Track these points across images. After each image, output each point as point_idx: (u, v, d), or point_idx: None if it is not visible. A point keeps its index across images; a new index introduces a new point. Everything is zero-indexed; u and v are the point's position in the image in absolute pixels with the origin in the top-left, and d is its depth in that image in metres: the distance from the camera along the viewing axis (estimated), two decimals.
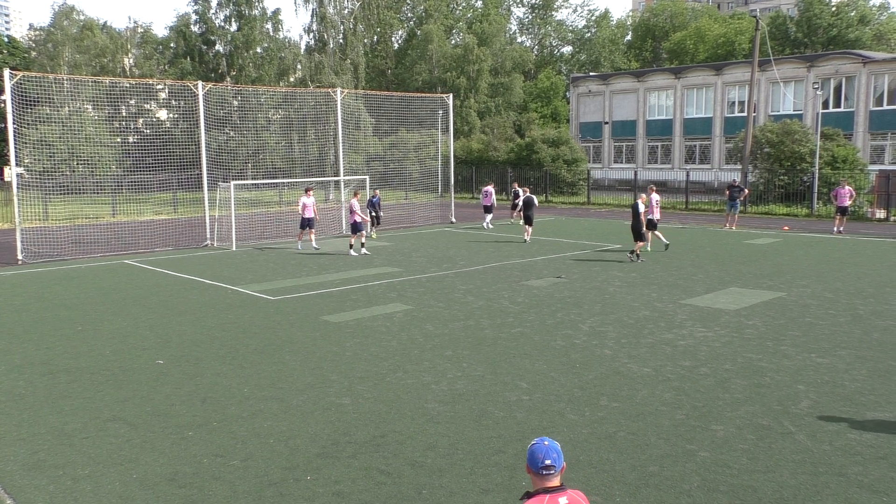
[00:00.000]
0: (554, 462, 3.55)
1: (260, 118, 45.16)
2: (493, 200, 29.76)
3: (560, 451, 3.58)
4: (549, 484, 3.55)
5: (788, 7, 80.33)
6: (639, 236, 19.77)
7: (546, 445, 3.59)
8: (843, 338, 11.55)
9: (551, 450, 3.57)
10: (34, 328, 12.75)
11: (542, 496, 3.51)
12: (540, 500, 3.49)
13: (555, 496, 3.50)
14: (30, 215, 27.55)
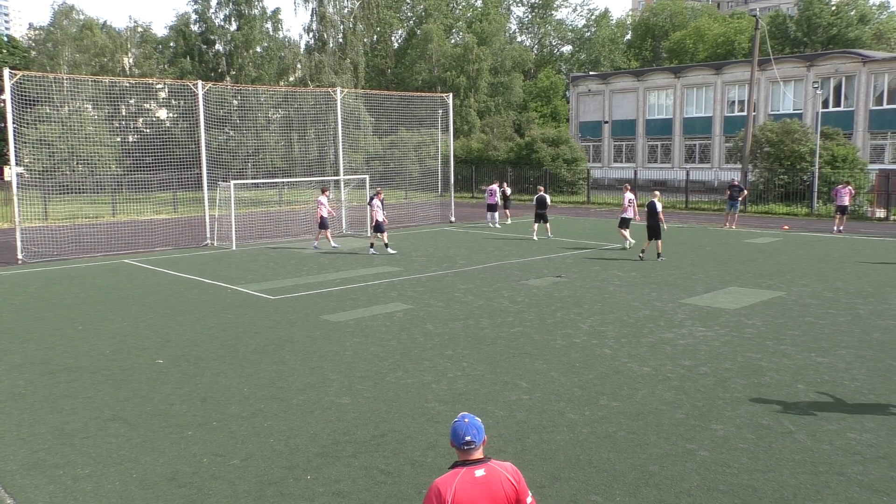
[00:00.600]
0: (474, 438, 3.79)
1: (260, 118, 45.18)
2: (498, 199, 29.68)
3: (480, 427, 3.81)
4: (470, 457, 3.80)
5: (788, 6, 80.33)
6: (653, 234, 19.74)
7: (466, 423, 3.82)
8: (843, 337, 11.55)
9: (471, 426, 3.80)
10: (34, 328, 12.75)
11: (459, 468, 3.77)
12: (456, 472, 3.75)
13: (471, 468, 3.75)
14: (30, 215, 27.55)
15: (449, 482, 3.72)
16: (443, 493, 3.70)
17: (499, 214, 29.54)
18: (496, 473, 3.78)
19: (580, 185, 44.84)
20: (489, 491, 3.71)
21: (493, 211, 29.32)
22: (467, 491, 3.69)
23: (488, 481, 3.74)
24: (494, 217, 29.32)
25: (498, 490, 3.73)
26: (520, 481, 3.85)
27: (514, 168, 46.80)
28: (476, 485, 3.71)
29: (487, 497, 3.70)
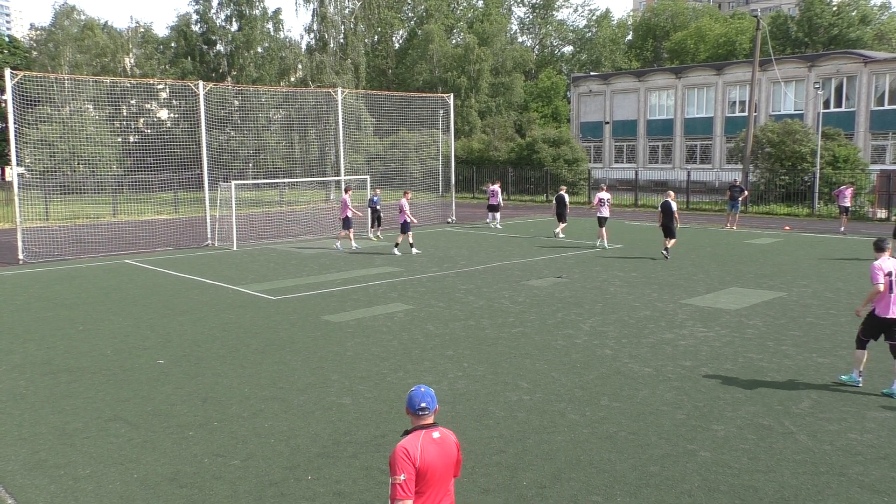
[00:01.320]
0: (428, 405, 4.33)
1: (261, 118, 45.18)
2: (500, 199, 29.69)
3: (433, 396, 4.38)
4: (425, 422, 4.34)
5: (789, 7, 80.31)
6: (669, 234, 19.90)
7: (422, 392, 4.38)
8: (843, 337, 11.54)
9: (426, 395, 4.35)
10: (35, 328, 12.76)
11: (419, 432, 4.28)
12: (416, 435, 4.26)
13: (429, 431, 4.29)
14: (31, 215, 27.55)
15: (414, 443, 4.20)
16: (411, 453, 4.15)
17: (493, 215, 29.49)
18: (447, 435, 4.37)
19: (581, 185, 44.82)
20: (444, 450, 4.28)
21: (494, 211, 29.33)
22: (429, 450, 4.20)
23: (443, 441, 4.30)
24: (496, 217, 29.33)
25: (450, 449, 4.32)
26: (458, 445, 4.44)
27: (515, 168, 46.79)
28: (435, 444, 4.25)
29: (443, 454, 4.27)
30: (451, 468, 4.33)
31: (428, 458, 4.16)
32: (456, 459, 4.37)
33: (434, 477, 4.20)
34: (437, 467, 4.20)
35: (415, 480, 4.13)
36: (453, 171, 32.99)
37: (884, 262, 8.87)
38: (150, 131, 46.43)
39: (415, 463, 4.12)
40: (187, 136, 33.69)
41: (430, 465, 4.17)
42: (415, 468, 4.12)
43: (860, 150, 38.10)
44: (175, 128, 42.62)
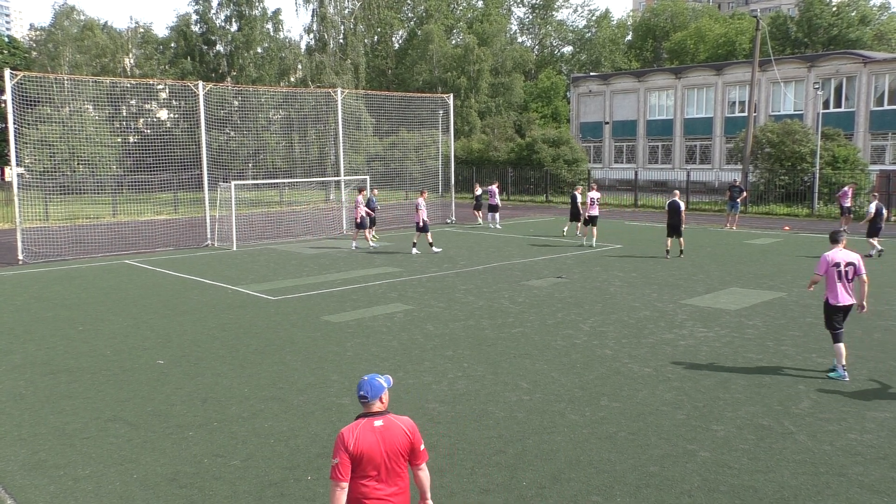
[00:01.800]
0: (366, 393, 4.40)
1: (260, 118, 45.16)
2: (498, 200, 29.69)
3: (377, 386, 4.42)
4: (370, 410, 4.44)
5: (789, 7, 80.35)
6: (675, 232, 20.03)
7: (365, 380, 4.46)
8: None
9: (367, 384, 4.42)
10: (35, 328, 12.76)
11: (361, 419, 4.40)
12: (358, 422, 4.38)
13: (371, 419, 4.37)
14: (30, 215, 27.54)
15: (352, 430, 4.35)
16: (346, 439, 4.31)
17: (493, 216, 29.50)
18: (393, 425, 4.39)
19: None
20: (387, 437, 4.34)
21: (494, 211, 29.33)
22: (366, 437, 4.31)
23: (385, 430, 4.36)
24: (495, 217, 29.33)
25: (393, 438, 4.35)
26: (414, 433, 4.44)
27: (515, 169, 46.78)
28: (374, 432, 4.34)
29: (385, 442, 4.33)
30: (397, 456, 4.37)
31: (363, 446, 4.29)
32: (407, 447, 4.41)
33: (373, 463, 4.32)
34: (374, 454, 4.30)
35: (350, 465, 4.29)
36: (453, 171, 32.99)
37: (835, 253, 9.58)
38: (150, 131, 46.42)
39: (348, 448, 4.28)
40: (187, 136, 33.69)
41: (366, 451, 4.29)
42: (348, 454, 4.28)
43: (860, 150, 38.11)
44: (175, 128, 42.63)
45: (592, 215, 22.88)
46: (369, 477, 4.33)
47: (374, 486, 4.34)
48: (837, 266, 9.51)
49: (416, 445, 4.45)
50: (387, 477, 4.36)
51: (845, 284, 9.53)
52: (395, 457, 4.37)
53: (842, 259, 9.54)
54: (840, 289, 9.52)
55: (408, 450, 4.42)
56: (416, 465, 4.49)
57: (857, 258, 9.62)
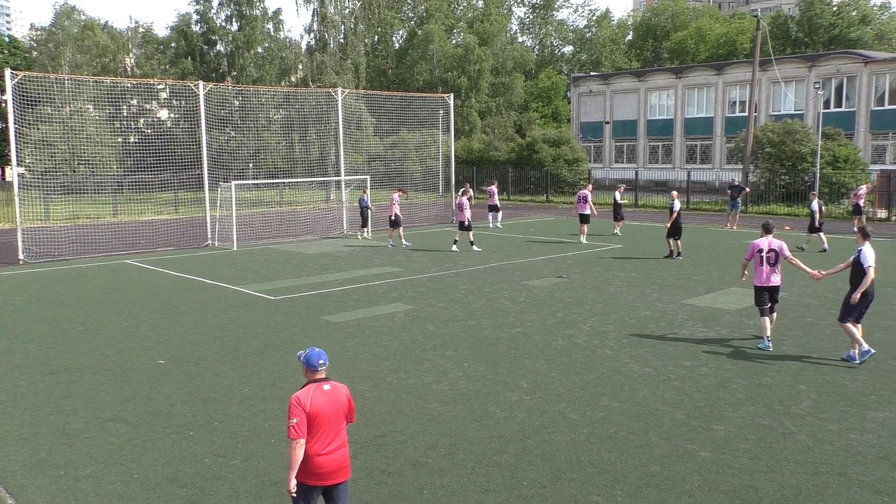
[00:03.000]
0: (326, 361, 5.25)
1: (261, 118, 45.15)
2: (497, 200, 29.73)
3: (325, 356, 5.25)
4: (319, 377, 5.20)
5: (789, 7, 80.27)
6: (675, 234, 19.90)
7: (318, 351, 5.24)
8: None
9: (322, 354, 5.23)
10: (35, 328, 12.77)
11: (312, 385, 5.16)
12: (310, 387, 5.14)
13: (321, 384, 5.18)
14: (31, 215, 27.55)
15: (306, 394, 5.10)
16: (302, 401, 5.07)
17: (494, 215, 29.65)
18: (338, 388, 5.25)
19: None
20: (333, 398, 5.18)
21: (494, 211, 29.36)
22: (319, 399, 5.10)
23: (332, 393, 5.19)
24: (497, 217, 29.38)
25: (339, 400, 5.21)
26: (350, 397, 5.33)
27: (515, 169, 46.76)
28: (325, 395, 5.15)
29: (332, 402, 5.17)
30: (341, 414, 5.22)
31: (317, 406, 5.07)
32: (347, 408, 5.29)
33: (324, 420, 5.10)
34: (325, 413, 5.10)
35: (306, 423, 5.04)
36: (453, 171, 32.98)
37: (761, 241, 10.91)
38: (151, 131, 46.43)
39: (305, 409, 5.03)
40: (187, 136, 33.65)
41: (319, 410, 5.07)
42: (305, 413, 5.03)
43: (860, 150, 38.08)
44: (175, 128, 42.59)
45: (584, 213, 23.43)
46: (320, 433, 5.09)
47: (324, 440, 5.11)
48: (761, 252, 10.84)
49: (352, 409, 5.37)
50: (334, 433, 5.16)
51: (769, 268, 10.80)
52: (339, 415, 5.21)
53: (765, 246, 10.81)
54: (764, 271, 10.82)
55: (347, 409, 5.28)
56: (349, 422, 5.39)
57: (781, 244, 10.84)
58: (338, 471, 5.17)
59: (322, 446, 5.09)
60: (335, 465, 5.15)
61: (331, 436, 5.14)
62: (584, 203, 23.46)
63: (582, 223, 23.62)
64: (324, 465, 5.10)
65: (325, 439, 5.10)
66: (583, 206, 23.55)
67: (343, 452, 5.22)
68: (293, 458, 5.01)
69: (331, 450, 5.13)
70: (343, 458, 5.22)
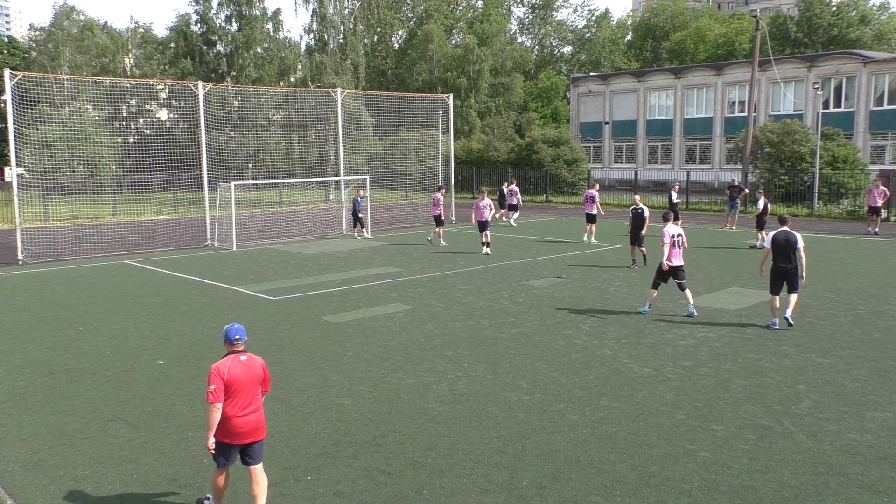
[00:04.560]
0: (241, 336, 5.96)
1: (260, 118, 45.11)
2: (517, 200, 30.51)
3: (243, 331, 6.00)
4: (236, 349, 5.94)
5: (789, 7, 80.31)
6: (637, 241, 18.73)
7: (236, 327, 5.98)
8: (843, 338, 11.55)
9: (239, 329, 5.97)
10: (35, 328, 12.76)
11: (230, 356, 5.91)
12: (228, 358, 5.88)
13: (238, 355, 5.92)
14: (30, 215, 27.54)
15: (224, 364, 5.85)
16: (221, 370, 5.80)
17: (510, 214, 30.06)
18: (254, 359, 5.99)
19: (581, 185, 44.82)
20: (249, 369, 5.91)
21: (513, 210, 30.07)
22: (236, 368, 5.84)
23: (249, 363, 5.93)
24: (511, 216, 29.98)
25: (254, 370, 5.94)
26: (265, 368, 6.06)
27: (515, 169, 46.76)
28: (241, 364, 5.89)
29: (248, 373, 5.89)
30: (256, 382, 5.93)
31: (234, 374, 5.79)
32: (262, 378, 6.00)
33: (241, 388, 5.82)
34: (242, 381, 5.82)
35: (223, 390, 5.75)
36: (453, 171, 32.98)
37: (669, 227, 12.99)
38: (150, 132, 46.36)
39: (223, 377, 5.75)
40: (187, 136, 33.65)
41: (236, 378, 5.79)
42: (223, 380, 5.75)
43: (859, 150, 38.09)
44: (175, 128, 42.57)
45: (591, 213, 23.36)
46: (238, 398, 5.81)
47: (241, 405, 5.83)
48: (673, 237, 12.94)
49: (267, 378, 6.09)
50: (250, 398, 5.88)
51: (677, 250, 12.99)
52: (254, 383, 5.92)
53: (675, 232, 13.01)
54: (674, 254, 12.98)
55: (262, 379, 6.01)
56: (264, 392, 6.10)
57: (683, 231, 13.22)
58: (253, 431, 5.91)
59: (239, 410, 5.82)
60: (251, 426, 5.88)
61: (247, 400, 5.85)
62: (592, 203, 23.41)
63: (588, 223, 23.59)
64: (241, 426, 5.82)
65: (242, 403, 5.82)
66: (590, 206, 23.47)
67: (258, 415, 5.94)
68: (211, 419, 5.75)
69: (247, 413, 5.85)
70: (258, 420, 5.93)
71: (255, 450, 5.98)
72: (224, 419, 5.77)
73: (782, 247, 11.99)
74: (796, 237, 12.04)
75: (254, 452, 5.98)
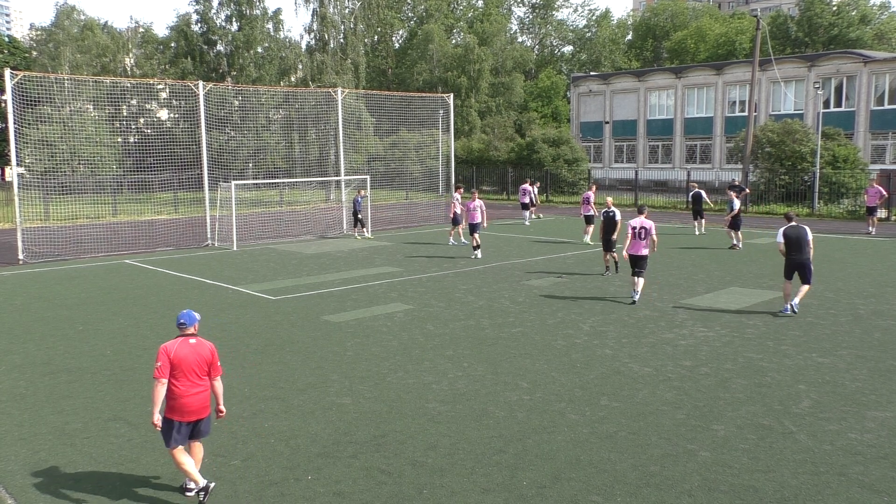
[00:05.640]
0: (186, 321, 6.43)
1: (261, 118, 45.12)
2: (529, 198, 30.71)
3: (192, 316, 6.46)
4: (185, 332, 6.42)
5: (789, 6, 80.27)
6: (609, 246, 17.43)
7: (184, 313, 6.49)
8: (843, 337, 11.55)
9: (186, 315, 6.46)
10: (35, 328, 12.76)
11: (179, 338, 6.39)
12: (177, 340, 6.37)
13: (187, 338, 6.39)
14: (31, 215, 27.54)
15: (173, 344, 6.32)
16: (168, 349, 6.26)
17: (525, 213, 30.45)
18: (202, 343, 6.44)
19: (581, 185, 44.81)
20: (197, 350, 6.36)
21: (526, 209, 30.35)
22: (183, 349, 6.30)
23: (196, 346, 6.38)
24: (525, 215, 30.23)
25: (202, 352, 6.38)
26: (214, 353, 6.47)
27: (515, 168, 46.77)
28: (189, 346, 6.35)
29: (195, 355, 6.33)
30: (203, 364, 6.35)
31: (180, 355, 6.25)
32: (209, 361, 6.41)
33: (187, 368, 6.26)
34: (188, 361, 6.27)
35: (169, 368, 6.21)
36: (453, 171, 32.99)
37: (634, 220, 14.39)
38: (150, 131, 46.35)
39: (169, 356, 6.23)
40: (187, 136, 33.63)
41: (183, 359, 6.25)
42: (169, 359, 6.22)
43: (860, 149, 38.07)
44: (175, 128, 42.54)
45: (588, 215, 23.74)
46: (184, 377, 6.25)
47: (187, 384, 6.27)
48: (634, 228, 14.20)
49: (215, 362, 6.45)
50: (196, 378, 6.31)
51: (638, 241, 14.16)
52: (201, 365, 6.35)
53: (637, 224, 14.21)
54: (634, 244, 14.23)
55: (209, 362, 6.40)
56: (213, 377, 6.45)
57: (651, 224, 14.23)
58: (200, 409, 6.35)
59: (187, 389, 6.27)
60: (198, 405, 6.32)
61: (194, 381, 6.30)
62: (588, 204, 23.89)
63: (587, 224, 23.86)
64: (189, 405, 6.27)
65: (189, 383, 6.28)
66: (586, 208, 23.92)
67: (205, 395, 6.40)
68: (155, 395, 6.22)
69: (194, 392, 6.30)
70: (205, 399, 6.38)
71: (203, 425, 6.45)
72: (174, 398, 6.23)
73: (794, 240, 12.91)
74: (805, 230, 13.06)
75: (201, 427, 6.45)
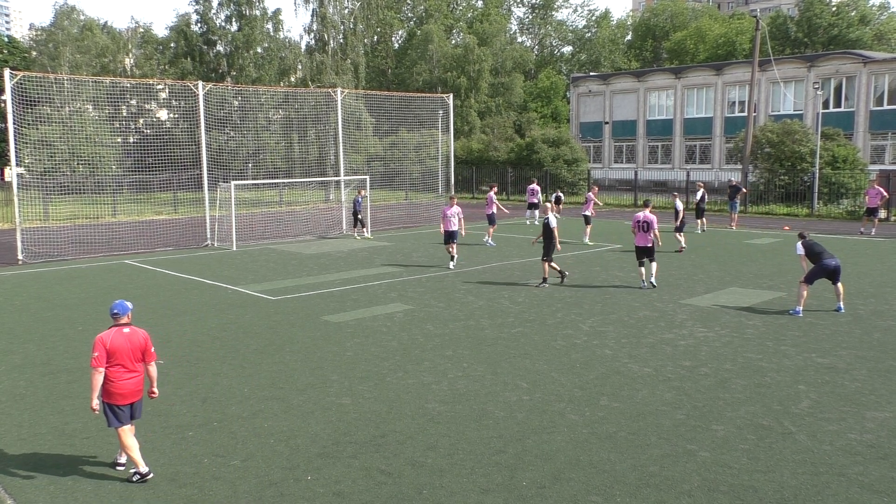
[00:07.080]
0: (119, 311, 6.95)
1: (260, 118, 45.11)
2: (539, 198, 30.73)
3: (125, 306, 7.00)
4: (119, 322, 6.91)
5: (789, 7, 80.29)
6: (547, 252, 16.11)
7: (117, 303, 7.02)
8: (843, 338, 11.55)
9: (119, 305, 6.99)
10: (35, 328, 12.76)
11: (114, 328, 6.86)
12: (112, 329, 6.86)
13: (121, 328, 6.88)
14: (30, 215, 27.54)
15: (108, 334, 6.80)
16: (104, 339, 6.73)
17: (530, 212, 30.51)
18: (136, 332, 6.92)
19: (581, 185, 44.82)
20: (131, 339, 6.85)
21: (532, 209, 30.34)
22: (118, 338, 6.78)
23: (131, 335, 6.87)
24: (534, 214, 30.23)
25: (135, 340, 6.87)
26: (147, 340, 6.96)
27: (515, 169, 46.77)
28: (123, 336, 6.83)
29: (130, 342, 6.82)
30: (138, 351, 6.86)
31: (115, 343, 6.73)
32: (143, 348, 6.90)
33: (123, 356, 6.75)
34: (123, 350, 6.75)
35: (106, 357, 6.67)
36: (453, 171, 32.98)
37: (637, 214, 15.94)
38: (150, 131, 46.32)
39: (105, 345, 6.69)
40: (187, 136, 33.63)
41: (118, 347, 6.73)
42: (105, 349, 6.67)
43: (859, 150, 38.08)
44: (175, 128, 42.55)
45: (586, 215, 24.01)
46: (119, 365, 6.74)
47: (122, 371, 6.76)
48: (638, 222, 15.74)
49: (148, 348, 6.96)
50: (131, 366, 6.81)
51: (643, 233, 15.70)
52: (136, 352, 6.84)
53: (641, 217, 15.74)
54: (640, 236, 15.80)
55: (143, 349, 6.90)
56: (147, 362, 6.98)
57: (653, 218, 15.67)
58: (135, 392, 6.88)
59: (123, 375, 6.76)
60: (133, 388, 6.84)
61: (129, 367, 6.79)
62: (587, 204, 24.17)
63: (586, 224, 24.05)
64: (124, 388, 6.77)
65: (125, 370, 6.77)
66: (585, 208, 24.27)
67: (139, 380, 6.90)
68: (93, 382, 6.63)
69: (129, 377, 6.81)
70: (139, 384, 6.89)
71: (136, 408, 7.00)
72: (111, 384, 6.72)
73: (818, 246, 13.41)
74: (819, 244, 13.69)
75: (135, 409, 7.00)
